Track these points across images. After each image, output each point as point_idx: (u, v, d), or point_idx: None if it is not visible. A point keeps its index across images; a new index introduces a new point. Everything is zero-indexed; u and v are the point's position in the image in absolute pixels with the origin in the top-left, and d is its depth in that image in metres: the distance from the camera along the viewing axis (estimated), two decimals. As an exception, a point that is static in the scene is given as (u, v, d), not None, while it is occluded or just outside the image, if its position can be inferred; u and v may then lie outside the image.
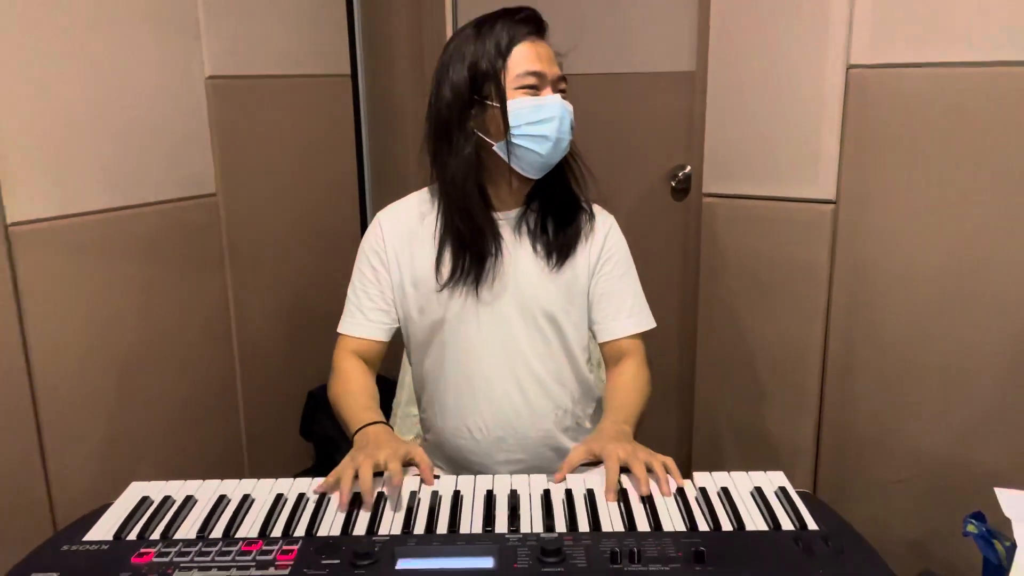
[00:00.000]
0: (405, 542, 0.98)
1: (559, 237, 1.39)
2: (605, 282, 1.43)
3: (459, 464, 1.47)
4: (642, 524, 1.02)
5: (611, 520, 1.03)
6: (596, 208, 1.47)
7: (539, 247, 1.39)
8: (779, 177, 2.01)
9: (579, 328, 1.43)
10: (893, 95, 1.84)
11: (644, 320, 1.45)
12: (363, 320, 1.43)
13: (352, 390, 1.37)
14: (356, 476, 1.11)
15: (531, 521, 1.03)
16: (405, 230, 1.41)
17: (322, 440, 2.53)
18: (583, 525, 1.02)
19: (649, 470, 1.13)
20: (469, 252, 1.35)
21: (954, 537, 1.75)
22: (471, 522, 1.04)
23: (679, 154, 2.29)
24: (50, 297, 1.86)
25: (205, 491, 1.13)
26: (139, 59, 1.98)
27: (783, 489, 1.09)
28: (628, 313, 1.43)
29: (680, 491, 1.09)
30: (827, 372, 2.05)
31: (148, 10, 1.98)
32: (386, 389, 2.53)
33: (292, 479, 1.16)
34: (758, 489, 1.10)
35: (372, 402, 1.38)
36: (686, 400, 2.29)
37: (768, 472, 1.14)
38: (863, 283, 1.96)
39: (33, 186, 1.81)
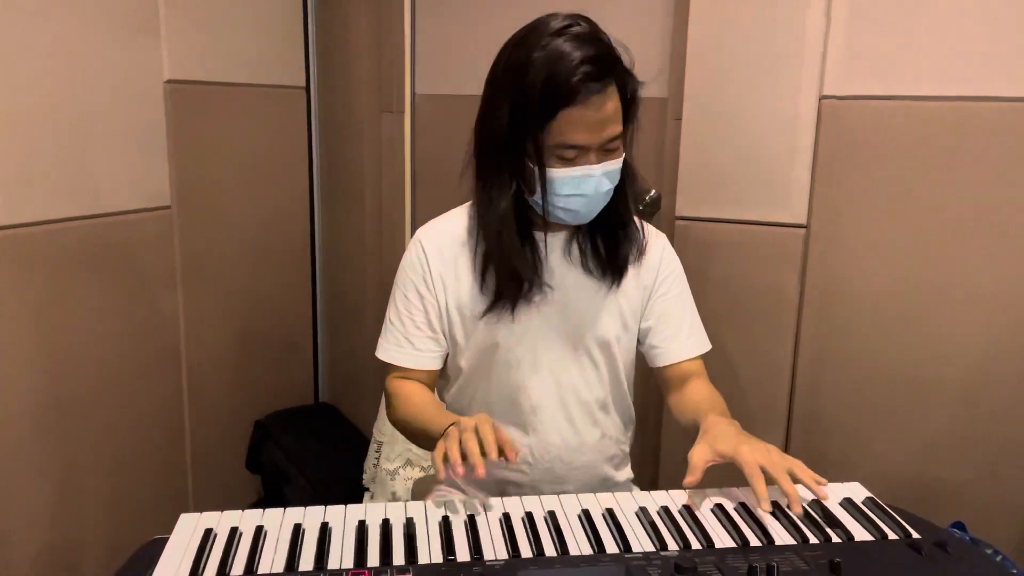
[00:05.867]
0: (518, 568, 0.91)
1: (613, 258, 1.33)
2: (663, 303, 1.38)
3: (500, 495, 1.40)
4: (753, 539, 1.00)
5: (720, 537, 1.01)
6: (649, 228, 1.41)
7: (593, 268, 1.33)
8: (752, 202, 2.07)
9: (629, 355, 1.40)
10: (863, 125, 1.94)
11: (704, 341, 1.42)
12: (412, 350, 1.34)
13: (418, 408, 1.29)
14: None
15: (638, 539, 1.00)
16: (449, 251, 1.33)
17: (271, 473, 2.38)
18: (695, 542, 0.99)
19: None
20: (505, 277, 1.28)
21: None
22: (576, 542, 0.99)
23: (648, 178, 2.32)
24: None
25: (272, 520, 1.03)
26: (92, 56, 1.82)
27: (871, 499, 1.11)
28: (688, 333, 1.39)
29: (775, 502, 1.07)
30: (795, 390, 2.12)
31: (104, 2, 1.83)
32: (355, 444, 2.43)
33: (365, 504, 1.07)
34: (848, 500, 1.10)
35: (444, 411, 1.30)
36: (653, 418, 2.30)
37: (845, 483, 1.15)
38: (832, 304, 2.04)
39: (-25, 193, 1.63)
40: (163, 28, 1.97)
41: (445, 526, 1.02)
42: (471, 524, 1.02)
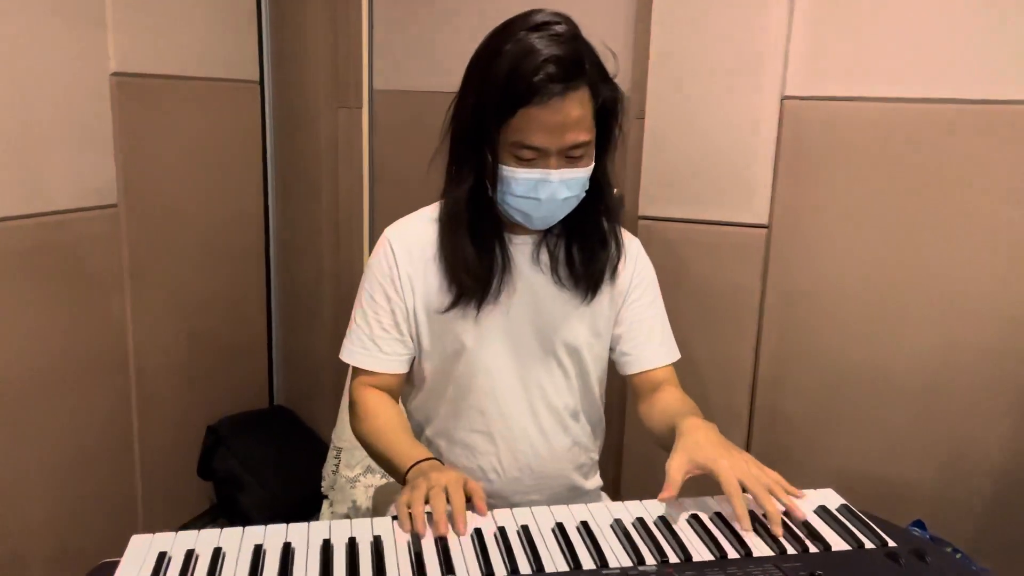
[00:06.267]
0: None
1: (588, 268, 1.28)
2: (634, 309, 1.35)
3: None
4: (731, 552, 0.98)
5: (697, 549, 0.99)
6: (625, 233, 1.37)
7: (563, 276, 1.28)
8: (714, 202, 2.06)
9: (600, 361, 1.36)
10: (825, 126, 1.94)
11: (674, 349, 1.40)
12: (378, 353, 1.28)
13: (383, 427, 1.24)
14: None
15: (615, 554, 0.97)
16: (418, 250, 1.27)
17: (223, 480, 2.30)
18: (672, 556, 0.97)
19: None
20: (464, 274, 1.23)
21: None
22: (552, 558, 0.95)
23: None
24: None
25: (230, 541, 0.97)
26: (34, 47, 1.74)
27: (845, 506, 1.10)
28: (660, 341, 1.36)
29: (751, 512, 1.05)
30: (757, 389, 2.11)
31: (49, -9, 1.74)
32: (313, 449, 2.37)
33: (328, 522, 1.02)
34: (823, 508, 1.09)
35: (411, 436, 1.26)
36: (616, 421, 2.29)
37: (818, 489, 1.14)
38: (793, 304, 2.04)
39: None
40: (109, 18, 1.89)
41: (415, 543, 0.98)
42: (442, 541, 0.98)
